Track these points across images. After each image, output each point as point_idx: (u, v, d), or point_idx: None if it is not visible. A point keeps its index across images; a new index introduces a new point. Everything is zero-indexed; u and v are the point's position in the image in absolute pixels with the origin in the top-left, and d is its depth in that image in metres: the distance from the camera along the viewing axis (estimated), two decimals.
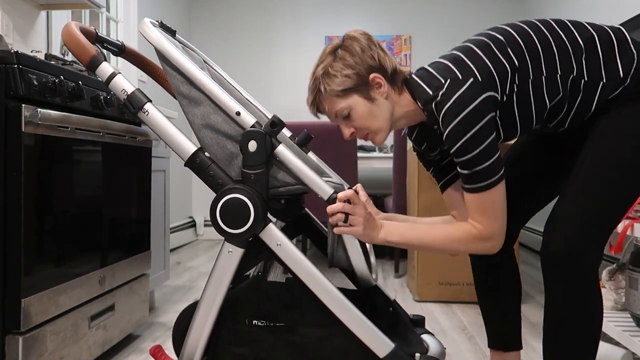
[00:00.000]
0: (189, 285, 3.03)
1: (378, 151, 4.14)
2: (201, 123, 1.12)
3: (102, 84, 1.75)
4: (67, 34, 1.14)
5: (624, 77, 1.14)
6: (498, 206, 1.14)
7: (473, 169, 1.12)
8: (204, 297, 1.13)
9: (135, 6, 3.63)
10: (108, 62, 1.15)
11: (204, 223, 4.90)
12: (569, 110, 1.19)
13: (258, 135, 1.08)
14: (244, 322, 1.20)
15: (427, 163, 1.42)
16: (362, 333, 1.09)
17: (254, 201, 1.08)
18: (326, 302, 1.09)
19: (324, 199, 1.11)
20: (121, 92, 1.12)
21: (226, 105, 1.10)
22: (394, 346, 1.08)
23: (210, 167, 1.12)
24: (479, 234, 1.15)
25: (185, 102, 1.13)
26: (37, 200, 1.42)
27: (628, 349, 1.79)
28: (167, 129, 1.13)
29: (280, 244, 1.11)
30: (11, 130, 1.35)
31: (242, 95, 1.43)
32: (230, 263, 1.12)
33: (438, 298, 2.71)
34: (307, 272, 1.10)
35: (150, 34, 1.14)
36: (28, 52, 1.54)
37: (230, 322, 1.17)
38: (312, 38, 4.86)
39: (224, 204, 1.09)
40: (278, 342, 1.15)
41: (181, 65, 1.11)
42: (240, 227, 1.09)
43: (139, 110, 1.12)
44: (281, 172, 1.12)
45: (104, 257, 1.77)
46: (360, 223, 1.11)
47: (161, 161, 2.47)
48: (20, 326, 1.36)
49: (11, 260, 1.36)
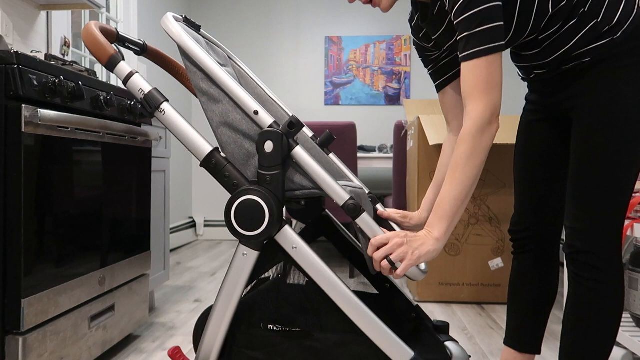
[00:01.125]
0: (189, 286, 3.03)
1: (378, 151, 4.14)
2: (220, 121, 1.11)
3: (102, 84, 1.75)
4: (86, 33, 1.13)
5: (616, 26, 1.13)
6: (494, 78, 1.07)
7: (474, 30, 1.06)
8: (219, 299, 1.12)
9: (135, 6, 3.63)
10: None
11: (204, 223, 4.90)
12: (557, 32, 1.17)
13: (275, 136, 1.06)
14: (259, 327, 1.18)
15: (426, 60, 1.39)
16: (380, 340, 1.06)
17: (269, 203, 1.06)
18: (343, 307, 1.07)
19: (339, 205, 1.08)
20: (138, 92, 1.11)
21: (244, 103, 1.09)
22: (413, 354, 1.05)
23: (225, 168, 1.10)
24: (480, 122, 1.07)
25: (204, 99, 1.12)
26: (37, 200, 1.42)
27: (628, 349, 1.79)
28: (183, 129, 1.11)
29: (296, 247, 1.09)
30: (11, 131, 1.35)
31: (265, 93, 1.41)
32: (245, 266, 1.10)
33: (438, 298, 2.71)
34: (323, 276, 1.08)
35: (172, 28, 1.13)
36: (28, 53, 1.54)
37: (246, 325, 1.16)
38: (312, 38, 4.87)
39: (239, 205, 1.07)
40: (293, 347, 1.13)
41: (201, 61, 1.10)
42: (254, 230, 1.07)
43: (156, 110, 1.11)
44: (298, 174, 1.10)
45: (104, 258, 1.77)
46: (406, 254, 1.05)
47: (161, 161, 2.47)
48: (20, 326, 1.36)
49: (11, 260, 1.36)
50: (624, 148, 1.15)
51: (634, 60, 1.15)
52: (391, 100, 4.81)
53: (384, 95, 4.82)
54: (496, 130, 1.10)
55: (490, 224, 2.69)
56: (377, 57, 4.81)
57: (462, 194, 1.08)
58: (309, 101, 4.88)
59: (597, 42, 1.15)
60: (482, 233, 2.69)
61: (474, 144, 1.07)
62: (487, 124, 1.07)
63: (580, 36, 1.16)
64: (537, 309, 1.41)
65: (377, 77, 4.82)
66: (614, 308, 1.19)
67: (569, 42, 1.17)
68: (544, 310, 1.41)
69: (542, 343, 1.42)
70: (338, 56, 4.85)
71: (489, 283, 2.69)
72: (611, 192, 1.16)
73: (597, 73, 1.17)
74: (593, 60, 1.16)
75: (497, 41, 1.07)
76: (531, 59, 1.25)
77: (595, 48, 1.15)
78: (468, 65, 1.08)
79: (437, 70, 1.37)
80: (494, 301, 2.69)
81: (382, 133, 4.78)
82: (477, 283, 2.69)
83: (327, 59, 4.86)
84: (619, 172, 1.16)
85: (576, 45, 1.17)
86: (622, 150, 1.15)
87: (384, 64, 4.81)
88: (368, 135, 4.77)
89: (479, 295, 2.69)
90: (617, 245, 1.18)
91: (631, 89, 1.14)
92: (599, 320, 1.19)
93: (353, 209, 1.07)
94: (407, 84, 4.80)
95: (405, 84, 4.80)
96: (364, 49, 4.82)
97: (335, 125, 3.28)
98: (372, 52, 4.82)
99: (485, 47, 1.06)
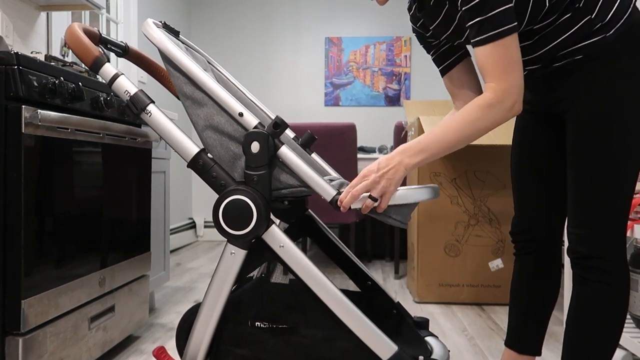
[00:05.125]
0: (189, 287, 3.03)
1: (378, 152, 4.14)
2: (204, 124, 1.12)
3: (102, 85, 1.75)
4: (70, 35, 1.14)
5: (609, 24, 1.13)
6: (512, 57, 1.08)
7: (485, 15, 1.06)
8: (207, 298, 1.13)
9: (136, 7, 3.63)
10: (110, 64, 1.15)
11: (204, 224, 4.90)
12: (551, 24, 1.17)
13: (261, 136, 1.08)
14: (247, 324, 1.20)
15: (427, 46, 1.39)
16: (365, 335, 1.09)
17: (256, 202, 1.08)
18: (329, 304, 1.09)
19: (327, 201, 1.11)
20: (124, 93, 1.12)
21: (229, 106, 1.11)
22: (397, 349, 1.08)
23: (213, 169, 1.12)
24: (496, 95, 1.08)
25: (188, 102, 1.13)
26: (37, 201, 1.42)
27: (628, 350, 1.79)
28: (170, 130, 1.13)
29: (283, 245, 1.11)
30: (11, 132, 1.35)
31: (245, 96, 1.43)
32: (233, 264, 1.12)
33: (438, 299, 2.71)
34: (310, 274, 1.10)
35: (154, 34, 1.14)
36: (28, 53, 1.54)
37: (233, 323, 1.17)
38: (312, 38, 4.87)
39: (227, 205, 1.09)
40: (280, 343, 1.15)
41: (184, 66, 1.11)
42: (242, 229, 1.09)
43: (142, 112, 1.12)
44: (284, 173, 1.12)
45: (104, 259, 1.77)
46: (386, 188, 1.07)
47: (161, 162, 2.47)
48: (20, 327, 1.36)
49: (11, 261, 1.36)
50: (620, 150, 1.14)
51: (627, 59, 1.14)
52: (391, 101, 4.82)
53: (384, 96, 4.82)
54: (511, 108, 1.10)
55: (490, 225, 2.69)
56: (377, 58, 4.82)
57: (451, 144, 1.11)
58: (309, 102, 4.88)
59: (589, 40, 1.14)
60: (482, 234, 2.69)
61: (485, 115, 1.09)
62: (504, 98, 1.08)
63: (573, 31, 1.15)
64: (537, 310, 1.41)
65: (377, 78, 4.82)
66: (620, 310, 1.19)
67: (562, 36, 1.16)
68: (544, 312, 1.41)
69: (542, 345, 1.42)
70: (338, 57, 4.85)
71: (489, 284, 2.69)
72: (613, 196, 1.16)
73: (589, 72, 1.16)
74: (585, 58, 1.16)
75: (510, 22, 1.07)
76: (524, 52, 1.22)
77: (587, 45, 1.15)
78: (486, 49, 1.08)
79: (440, 56, 1.37)
80: (494, 302, 2.69)
81: (382, 134, 4.78)
82: (477, 284, 2.69)
83: (327, 59, 4.86)
84: (619, 175, 1.15)
85: (568, 40, 1.16)
86: (618, 152, 1.14)
87: (384, 64, 4.81)
88: (368, 136, 4.77)
89: (479, 296, 2.69)
90: (622, 248, 1.18)
91: (625, 88, 1.13)
92: (605, 322, 1.19)
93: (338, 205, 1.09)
94: (407, 85, 4.80)
95: (405, 84, 4.80)
96: (364, 49, 4.82)
97: (335, 126, 3.28)
98: (372, 53, 4.82)
99: (499, 30, 1.06)
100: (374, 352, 1.08)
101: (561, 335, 2.19)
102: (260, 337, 1.16)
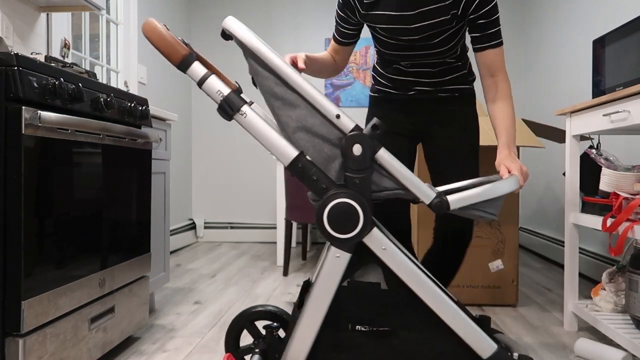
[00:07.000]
0: (189, 288, 3.03)
1: None
2: (296, 125, 1.10)
3: (103, 86, 1.75)
4: (152, 31, 1.08)
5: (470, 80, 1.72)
6: None
7: (497, 27, 1.48)
8: (311, 302, 1.11)
9: (135, 8, 3.64)
10: None
11: (204, 225, 4.90)
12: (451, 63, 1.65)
13: (363, 139, 1.07)
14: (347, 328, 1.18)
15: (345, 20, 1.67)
16: (467, 334, 1.11)
17: (362, 205, 1.07)
18: (432, 305, 1.11)
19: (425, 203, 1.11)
20: (216, 94, 1.10)
21: (325, 108, 1.09)
22: (497, 347, 1.10)
23: (313, 172, 1.10)
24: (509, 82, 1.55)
25: (278, 103, 1.11)
26: (37, 202, 1.42)
27: (628, 351, 1.79)
28: (266, 133, 1.10)
29: (386, 248, 1.10)
30: (11, 133, 1.35)
31: None
32: (337, 268, 1.11)
33: None
34: (413, 275, 1.10)
35: (241, 32, 1.11)
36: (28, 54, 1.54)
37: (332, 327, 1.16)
38: (312, 39, 4.87)
39: (332, 208, 1.08)
40: (380, 347, 1.14)
41: (277, 67, 1.09)
42: (349, 232, 1.09)
43: (237, 113, 1.10)
44: (381, 176, 1.11)
45: (104, 260, 1.77)
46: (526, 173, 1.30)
47: (161, 163, 2.47)
48: (20, 328, 1.36)
49: (11, 262, 1.36)
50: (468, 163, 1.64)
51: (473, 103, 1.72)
52: None
53: None
54: None
55: (490, 226, 2.69)
56: None
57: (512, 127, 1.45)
58: None
59: (463, 85, 1.69)
60: (482, 235, 2.69)
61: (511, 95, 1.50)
62: None
63: (457, 75, 1.67)
64: None
65: None
66: None
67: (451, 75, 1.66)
68: None
69: None
70: None
71: (489, 285, 2.69)
72: None
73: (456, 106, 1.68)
74: (458, 95, 1.68)
75: None
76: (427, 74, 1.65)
77: (461, 88, 1.69)
78: (497, 51, 1.50)
79: (347, 35, 1.69)
80: (493, 303, 2.69)
81: None
82: (477, 285, 2.69)
83: None
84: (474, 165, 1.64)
85: (453, 80, 1.67)
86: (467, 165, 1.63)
87: None
88: None
89: (479, 297, 2.69)
90: None
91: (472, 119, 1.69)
92: None
93: (440, 206, 1.10)
94: None
95: None
96: (363, 50, 4.82)
97: None
98: (372, 54, 4.82)
99: (502, 38, 1.51)
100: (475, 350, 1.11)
101: (561, 336, 2.19)
102: (359, 340, 1.15)
